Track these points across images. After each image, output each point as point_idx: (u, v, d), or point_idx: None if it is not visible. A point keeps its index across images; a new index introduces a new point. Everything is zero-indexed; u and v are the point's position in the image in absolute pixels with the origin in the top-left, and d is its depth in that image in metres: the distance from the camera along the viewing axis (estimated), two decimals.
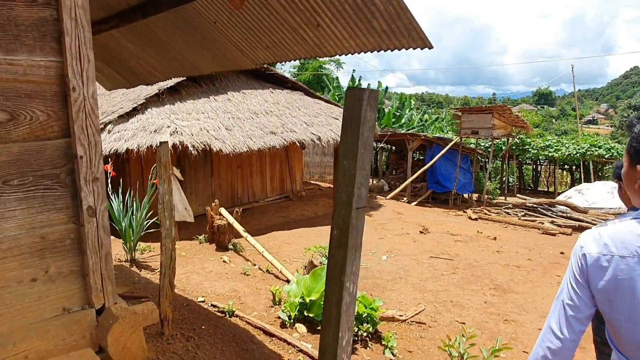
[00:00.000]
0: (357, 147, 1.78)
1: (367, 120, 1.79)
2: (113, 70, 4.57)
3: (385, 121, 22.50)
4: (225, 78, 11.51)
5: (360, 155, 1.79)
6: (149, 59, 3.99)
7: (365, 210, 1.94)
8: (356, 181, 1.80)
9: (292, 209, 11.95)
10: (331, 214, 8.15)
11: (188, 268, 5.36)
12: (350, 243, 1.88)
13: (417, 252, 7.49)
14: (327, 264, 2.01)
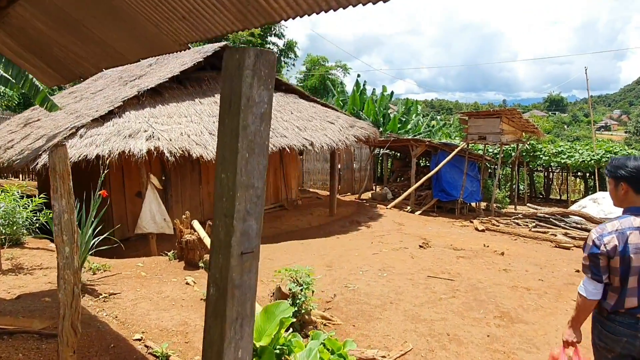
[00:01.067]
0: (237, 150, 1.05)
1: (254, 102, 1.05)
2: (42, 62, 3.88)
3: (390, 127, 21.71)
4: (213, 80, 10.84)
5: (243, 162, 1.05)
6: (70, 45, 3.29)
7: (255, 257, 1.19)
8: (237, 207, 1.05)
9: (285, 219, 11.20)
10: (326, 225, 7.33)
11: (141, 292, 4.63)
12: (231, 312, 1.12)
13: (414, 270, 6.68)
14: (203, 339, 1.24)
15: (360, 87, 24.50)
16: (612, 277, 2.33)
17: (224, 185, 1.07)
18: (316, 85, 37.05)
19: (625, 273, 2.28)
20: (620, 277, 2.30)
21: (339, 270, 6.53)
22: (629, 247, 2.26)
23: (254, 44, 27.84)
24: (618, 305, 2.34)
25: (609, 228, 2.36)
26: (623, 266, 2.28)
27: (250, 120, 1.03)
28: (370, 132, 11.38)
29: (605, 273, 2.34)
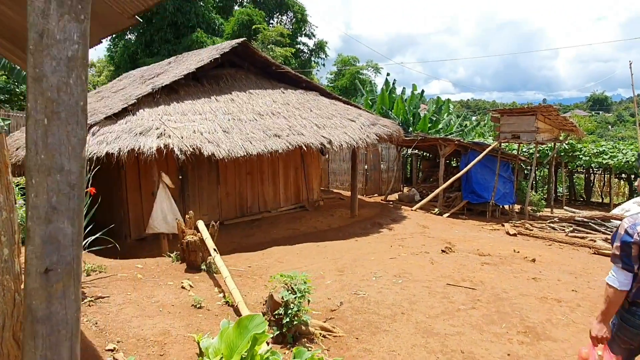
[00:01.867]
0: (29, 113, 0.68)
1: (53, 40, 0.69)
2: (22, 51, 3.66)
3: (420, 126, 21.04)
4: (231, 77, 10.63)
5: (39, 132, 0.68)
6: None
7: (70, 275, 0.82)
8: (33, 201, 0.69)
9: (304, 221, 10.85)
10: (346, 227, 6.94)
11: (131, 296, 4.36)
12: None
13: (432, 277, 6.17)
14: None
15: (389, 86, 23.92)
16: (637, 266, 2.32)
17: None
18: (346, 85, 36.67)
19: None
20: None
21: (351, 276, 6.11)
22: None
23: (283, 43, 27.69)
24: (634, 296, 2.35)
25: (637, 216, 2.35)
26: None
27: (47, 67, 0.68)
28: (394, 131, 10.87)
29: (636, 263, 2.29)
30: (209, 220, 10.66)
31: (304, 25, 33.98)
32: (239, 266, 6.48)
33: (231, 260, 6.93)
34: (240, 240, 9.60)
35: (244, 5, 32.18)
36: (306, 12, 33.25)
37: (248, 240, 9.55)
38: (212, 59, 9.69)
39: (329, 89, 36.22)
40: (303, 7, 33.13)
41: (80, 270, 0.79)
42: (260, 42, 26.29)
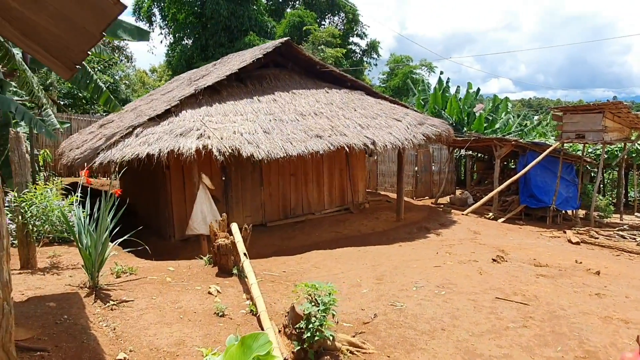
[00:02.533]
0: None
1: None
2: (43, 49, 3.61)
3: (475, 126, 20.08)
4: (275, 77, 10.51)
5: None
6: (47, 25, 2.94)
7: None
8: None
9: (348, 224, 10.53)
10: (390, 231, 6.59)
11: (156, 301, 4.25)
12: None
13: (480, 289, 5.66)
14: None
15: (442, 85, 23.05)
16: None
17: None
18: (399, 85, 35.96)
19: None
20: None
21: (389, 285, 5.72)
22: None
23: (334, 44, 27.50)
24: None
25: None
26: None
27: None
28: (443, 130, 10.30)
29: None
30: (252, 221, 10.59)
31: (355, 25, 33.66)
32: (274, 271, 6.28)
33: (267, 264, 6.75)
34: (281, 242, 9.44)
35: (295, 7, 32.35)
36: (358, 12, 32.90)
37: (289, 243, 9.37)
38: (254, 59, 9.61)
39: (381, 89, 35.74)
40: (355, 7, 32.80)
41: None
42: (310, 43, 26.25)
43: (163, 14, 31.92)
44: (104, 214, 4.27)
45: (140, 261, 6.23)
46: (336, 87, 11.09)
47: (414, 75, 35.70)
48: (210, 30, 27.25)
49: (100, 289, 4.35)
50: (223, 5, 25.82)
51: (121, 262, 5.97)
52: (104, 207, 4.25)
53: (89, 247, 4.25)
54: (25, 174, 5.08)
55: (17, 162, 5.03)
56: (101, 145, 7.92)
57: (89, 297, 4.18)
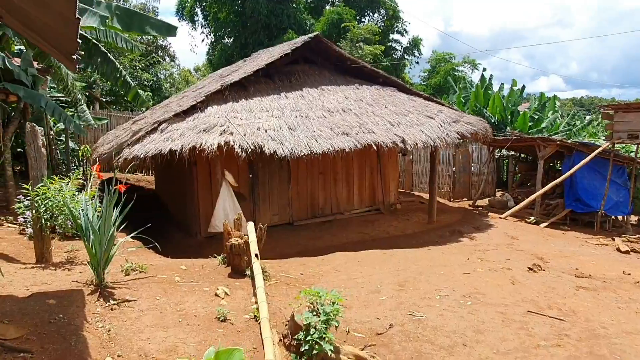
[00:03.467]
0: None
1: None
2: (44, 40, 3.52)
3: (519, 125, 19.10)
4: (304, 73, 10.27)
5: None
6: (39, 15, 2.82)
7: None
8: None
9: (378, 225, 10.16)
10: (421, 233, 6.22)
11: (159, 302, 4.09)
12: None
13: (511, 301, 5.19)
14: None
15: (485, 82, 22.12)
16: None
17: None
18: (440, 83, 35.01)
19: None
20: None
21: (411, 292, 5.35)
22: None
23: (372, 41, 27.03)
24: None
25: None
26: None
27: None
28: (480, 128, 9.73)
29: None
30: (279, 220, 10.47)
31: (396, 22, 32.97)
32: (292, 273, 6.03)
33: (286, 266, 6.52)
34: (307, 242, 9.20)
35: (334, 4, 32.05)
36: (398, 9, 32.19)
37: (315, 243, 9.12)
38: (282, 55, 9.41)
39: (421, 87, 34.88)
40: (395, 3, 32.10)
41: None
42: (348, 41, 25.90)
43: (205, 14, 32.47)
44: (108, 210, 4.15)
45: (156, 258, 6.15)
46: (367, 83, 10.73)
47: (456, 73, 34.62)
48: (250, 28, 27.42)
49: (105, 287, 4.24)
50: (263, 3, 25.90)
51: (137, 258, 5.91)
52: (106, 202, 4.13)
53: (94, 244, 4.15)
54: (41, 168, 5.07)
55: (33, 156, 5.03)
56: (127, 141, 7.95)
57: (93, 295, 4.08)
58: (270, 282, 5.37)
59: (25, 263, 5.08)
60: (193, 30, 34.61)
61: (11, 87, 7.36)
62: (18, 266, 4.86)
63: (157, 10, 38.71)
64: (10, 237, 6.06)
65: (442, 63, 38.32)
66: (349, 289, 5.39)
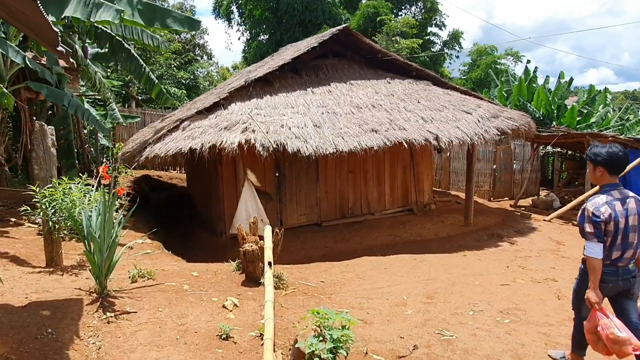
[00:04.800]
0: None
1: None
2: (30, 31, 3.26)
3: (566, 120, 17.90)
4: (332, 68, 9.84)
5: None
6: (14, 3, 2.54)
7: None
8: None
9: (410, 226, 9.61)
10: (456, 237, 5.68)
11: (161, 314, 3.79)
12: None
13: (555, 319, 4.59)
14: None
15: (529, 75, 20.97)
16: (607, 239, 3.10)
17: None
18: (481, 76, 33.69)
19: (615, 233, 3.09)
20: (612, 237, 3.10)
21: (441, 306, 4.84)
22: (617, 214, 3.08)
23: (409, 35, 26.25)
24: (606, 258, 3.13)
25: (600, 201, 3.12)
26: (615, 228, 3.08)
27: None
28: (522, 124, 8.99)
29: (606, 236, 3.08)
30: (306, 221, 10.09)
31: (434, 15, 31.90)
32: (311, 280, 5.64)
33: (306, 272, 6.14)
34: (333, 245, 8.79)
35: None
36: (437, 1, 31.09)
37: (342, 246, 8.69)
38: (309, 48, 9.01)
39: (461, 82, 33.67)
40: None
41: None
42: (384, 35, 25.22)
43: (240, 11, 32.56)
44: (109, 215, 3.88)
45: (171, 262, 5.89)
46: (399, 77, 10.17)
47: (498, 66, 33.17)
48: (285, 25, 27.20)
49: (107, 295, 3.98)
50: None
51: (150, 262, 5.68)
52: (103, 205, 3.85)
53: (94, 251, 3.89)
54: (49, 168, 4.89)
55: (42, 157, 4.86)
56: (149, 139, 7.78)
57: (93, 304, 3.82)
58: (286, 292, 4.99)
59: (35, 267, 4.91)
60: (229, 28, 34.83)
61: (35, 85, 7.32)
62: (26, 270, 4.69)
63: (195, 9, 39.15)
64: (27, 239, 5.96)
65: (484, 56, 36.89)
66: (372, 301, 4.94)
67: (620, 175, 3.22)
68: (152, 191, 14.27)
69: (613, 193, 3.12)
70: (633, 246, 3.13)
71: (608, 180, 3.17)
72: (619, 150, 3.15)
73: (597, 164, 3.19)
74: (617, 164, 3.15)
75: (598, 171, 3.20)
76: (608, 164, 3.13)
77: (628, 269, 3.19)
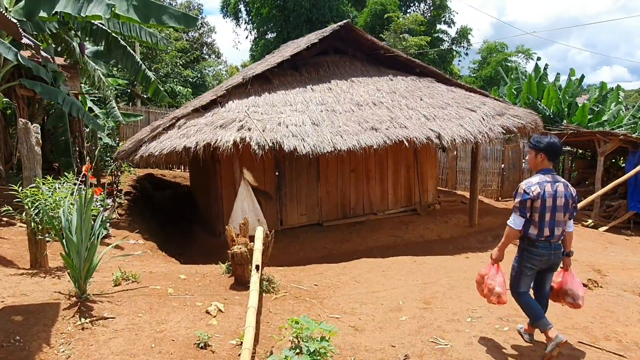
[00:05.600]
0: None
1: None
2: None
3: (578, 118, 17.48)
4: (333, 65, 9.63)
5: None
6: None
7: None
8: None
9: (412, 227, 9.39)
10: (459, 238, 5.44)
11: (139, 321, 3.62)
12: None
13: (558, 327, 4.33)
14: None
15: (539, 72, 20.54)
16: (534, 214, 3.53)
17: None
18: (491, 74, 33.26)
19: (543, 211, 3.50)
20: (540, 214, 3.51)
21: (438, 312, 4.63)
22: (546, 193, 3.48)
23: (417, 32, 25.96)
24: (539, 234, 3.57)
25: (533, 181, 3.56)
26: (542, 206, 3.49)
27: None
28: (528, 122, 8.70)
29: (529, 212, 3.53)
30: (307, 221, 9.90)
31: (443, 11, 31.54)
32: (305, 283, 5.45)
33: (301, 274, 5.95)
34: (333, 245, 8.60)
35: None
36: None
37: (342, 247, 8.51)
38: (309, 45, 8.82)
39: (470, 79, 33.24)
40: None
41: None
42: (392, 32, 24.94)
43: (248, 10, 32.48)
44: (86, 216, 3.73)
45: (160, 264, 5.73)
46: (402, 73, 9.94)
47: (509, 64, 32.69)
48: (292, 23, 27.04)
49: (86, 300, 3.83)
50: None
51: (140, 264, 5.54)
52: (80, 206, 3.69)
53: (71, 253, 3.74)
54: (34, 167, 4.75)
55: (26, 155, 4.72)
56: (144, 138, 7.65)
57: (70, 309, 3.67)
58: (276, 296, 4.81)
59: (20, 268, 4.79)
60: (237, 27, 34.79)
61: (28, 83, 7.23)
62: (9, 272, 4.56)
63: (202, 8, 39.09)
64: (16, 239, 5.86)
65: (494, 53, 36.44)
66: (365, 306, 4.74)
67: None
68: (155, 190, 14.21)
69: (547, 177, 3.55)
70: (561, 224, 3.56)
71: (546, 165, 3.61)
72: (557, 140, 3.61)
73: (540, 151, 3.60)
74: (556, 151, 3.59)
75: (539, 157, 3.61)
76: (548, 151, 3.56)
77: (559, 244, 3.67)
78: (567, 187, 3.56)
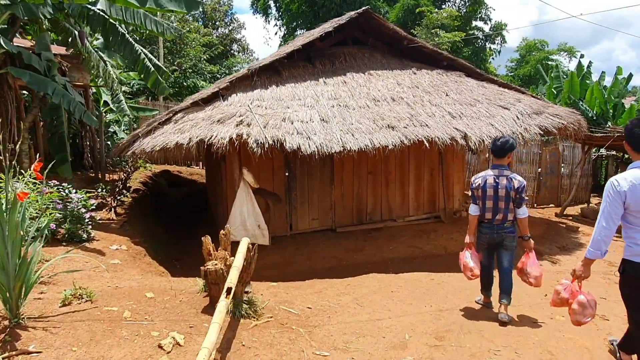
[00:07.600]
0: None
1: None
2: None
3: (624, 120, 16.01)
4: (351, 56, 8.80)
5: None
6: None
7: None
8: None
9: (434, 237, 8.47)
10: None
11: (74, 355, 2.94)
12: None
13: None
14: None
15: (582, 70, 19.05)
16: (478, 201, 4.36)
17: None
18: (530, 73, 31.63)
19: (484, 198, 4.29)
20: (482, 201, 4.31)
21: (452, 352, 3.75)
22: (486, 185, 4.25)
23: (451, 27, 24.77)
24: (482, 218, 4.38)
25: (480, 175, 4.40)
26: (482, 195, 4.29)
27: None
28: (570, 122, 7.63)
29: (478, 199, 4.35)
30: (319, 225, 9.10)
31: (479, 7, 30.07)
32: (297, 305, 4.67)
33: (296, 292, 5.18)
34: (345, 255, 7.79)
35: None
36: None
37: (353, 257, 7.69)
38: (323, 34, 8.02)
39: (508, 78, 31.60)
40: None
41: None
42: (424, 27, 23.85)
43: (278, 5, 31.99)
44: (10, 224, 3.06)
45: (134, 277, 5.02)
46: (427, 67, 9.00)
47: (549, 62, 30.95)
48: (322, 18, 26.24)
49: (16, 325, 3.18)
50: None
51: (115, 274, 4.89)
52: (0, 213, 3.02)
53: None
54: None
55: None
56: (139, 132, 7.06)
57: None
58: (257, 322, 4.05)
59: None
60: (267, 23, 34.38)
61: (16, 72, 6.73)
62: None
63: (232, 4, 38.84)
64: None
65: (534, 52, 34.66)
66: (363, 339, 3.92)
67: None
68: (170, 187, 13.75)
69: (494, 171, 4.27)
70: (502, 211, 4.25)
71: (495, 162, 4.32)
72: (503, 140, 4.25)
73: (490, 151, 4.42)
74: (499, 151, 4.23)
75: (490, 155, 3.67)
76: (494, 151, 4.31)
77: (502, 226, 4.33)
78: (510, 181, 4.19)
